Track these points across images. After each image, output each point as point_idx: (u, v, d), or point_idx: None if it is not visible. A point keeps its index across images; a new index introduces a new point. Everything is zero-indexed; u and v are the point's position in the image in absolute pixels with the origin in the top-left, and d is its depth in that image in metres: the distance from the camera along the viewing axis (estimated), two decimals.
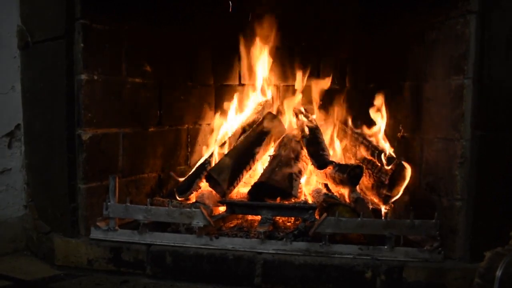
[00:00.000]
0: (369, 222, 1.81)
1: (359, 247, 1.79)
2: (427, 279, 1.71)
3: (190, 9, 2.48)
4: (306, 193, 2.33)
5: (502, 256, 1.38)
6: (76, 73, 1.94)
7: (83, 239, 1.94)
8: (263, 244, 1.83)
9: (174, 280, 1.84)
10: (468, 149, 1.73)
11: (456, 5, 1.75)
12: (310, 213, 1.96)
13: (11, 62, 2.19)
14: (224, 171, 2.23)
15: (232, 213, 2.09)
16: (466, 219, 1.74)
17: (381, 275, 1.73)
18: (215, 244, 1.85)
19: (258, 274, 1.79)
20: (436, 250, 1.76)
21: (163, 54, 2.34)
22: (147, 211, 1.90)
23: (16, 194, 2.23)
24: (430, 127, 1.95)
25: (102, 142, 2.03)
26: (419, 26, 2.00)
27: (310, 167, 2.38)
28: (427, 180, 1.96)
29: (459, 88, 1.75)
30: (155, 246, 1.88)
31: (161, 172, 2.40)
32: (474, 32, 1.70)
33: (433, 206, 1.88)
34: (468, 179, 1.73)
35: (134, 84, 2.18)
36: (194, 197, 2.30)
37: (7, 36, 2.17)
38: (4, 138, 2.18)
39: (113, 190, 1.94)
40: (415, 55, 2.07)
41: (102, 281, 1.84)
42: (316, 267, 1.76)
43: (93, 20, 1.95)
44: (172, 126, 2.48)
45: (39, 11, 2.08)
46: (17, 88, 2.21)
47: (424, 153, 1.99)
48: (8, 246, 2.17)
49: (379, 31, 2.40)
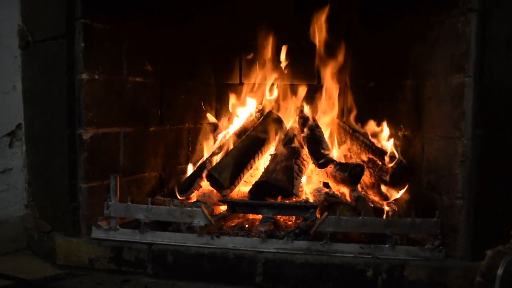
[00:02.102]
0: (370, 221, 1.81)
1: (360, 246, 1.79)
2: (428, 277, 1.71)
3: (190, 9, 2.49)
4: (307, 192, 2.33)
5: (503, 255, 1.37)
6: (76, 73, 1.94)
7: (84, 239, 1.94)
8: (264, 243, 1.83)
9: (175, 279, 1.84)
10: (469, 148, 1.73)
11: (457, 3, 1.75)
12: (311, 212, 1.96)
13: (12, 61, 2.19)
14: (225, 170, 2.23)
15: (233, 212, 2.09)
16: (467, 218, 1.74)
17: (382, 274, 1.73)
18: (216, 243, 1.86)
19: (259, 273, 1.79)
20: (437, 249, 1.77)
21: (164, 54, 2.34)
22: (148, 210, 1.90)
23: (17, 193, 2.23)
24: (431, 126, 1.95)
25: (103, 141, 2.03)
26: (420, 25, 2.00)
27: (311, 166, 2.38)
28: (428, 178, 1.96)
29: (460, 87, 1.75)
30: (156, 245, 1.88)
31: (162, 171, 2.40)
32: (475, 30, 1.70)
33: (434, 205, 1.88)
34: (469, 178, 1.73)
35: (135, 83, 2.18)
36: (195, 196, 2.30)
37: (8, 35, 2.17)
38: (5, 138, 2.19)
39: (114, 190, 1.94)
40: (415, 54, 2.07)
41: (103, 280, 1.84)
42: (317, 266, 1.76)
43: (93, 20, 1.95)
44: (173, 125, 2.48)
45: (39, 11, 2.08)
46: (18, 88, 2.21)
47: (425, 152, 1.99)
48: (9, 245, 2.18)
49: (380, 30, 2.40)
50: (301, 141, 2.40)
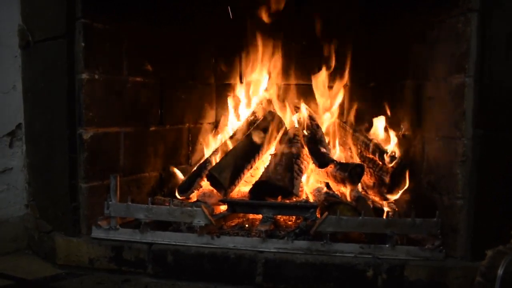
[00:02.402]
0: (370, 221, 1.81)
1: (360, 246, 1.79)
2: (429, 277, 1.71)
3: (190, 9, 2.48)
4: (307, 191, 2.33)
5: (503, 255, 1.38)
6: (77, 72, 1.94)
7: (84, 238, 1.94)
8: (264, 243, 1.83)
9: (176, 279, 1.84)
10: (469, 148, 1.73)
11: (457, 3, 1.75)
12: (311, 212, 1.96)
13: (12, 61, 2.19)
14: (225, 170, 2.23)
15: (233, 212, 2.09)
16: (467, 218, 1.74)
17: (382, 274, 1.73)
18: (216, 243, 1.86)
19: (260, 273, 1.79)
20: (437, 249, 1.77)
21: (164, 53, 2.34)
22: (148, 210, 1.90)
23: (17, 193, 2.23)
24: (431, 126, 1.95)
25: (103, 141, 2.03)
26: (420, 25, 2.00)
27: (311, 165, 2.38)
28: (428, 178, 1.96)
29: (460, 87, 1.75)
30: (156, 245, 1.88)
31: (162, 171, 2.40)
32: (475, 30, 1.70)
33: (434, 205, 1.88)
34: (469, 178, 1.73)
35: (135, 83, 2.18)
36: (195, 196, 2.30)
37: (8, 35, 2.17)
38: (5, 138, 2.19)
39: (114, 189, 1.94)
40: (416, 54, 2.07)
41: (104, 280, 1.84)
42: (317, 266, 1.76)
43: (93, 20, 1.95)
44: (173, 125, 2.48)
45: (40, 11, 2.08)
46: (18, 88, 2.21)
47: (425, 152, 1.99)
48: (10, 245, 2.18)
49: (380, 30, 2.40)
50: (301, 141, 2.40)
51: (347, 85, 2.79)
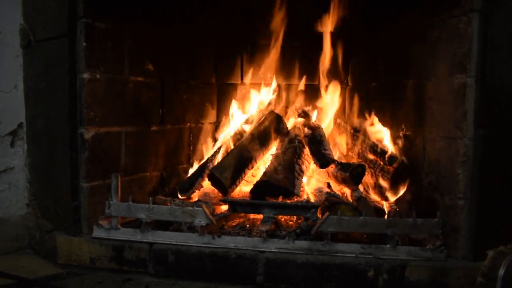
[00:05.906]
0: (372, 221, 1.81)
1: (361, 246, 1.79)
2: (430, 278, 1.71)
3: (192, 9, 2.49)
4: (308, 192, 2.33)
5: (505, 255, 1.38)
6: (78, 72, 1.94)
7: (85, 238, 1.94)
8: (265, 243, 1.83)
9: (177, 278, 1.84)
10: (470, 148, 1.73)
11: (459, 3, 1.75)
12: (312, 212, 1.96)
13: (14, 61, 2.19)
14: (226, 170, 2.23)
15: (234, 211, 2.09)
16: (468, 218, 1.74)
17: (383, 274, 1.73)
18: (217, 242, 1.86)
19: (260, 272, 1.79)
20: (438, 249, 1.76)
21: (165, 53, 2.35)
22: (149, 209, 1.90)
23: (18, 192, 2.24)
24: (433, 126, 1.94)
25: (105, 140, 2.03)
26: (422, 25, 2.00)
27: (312, 166, 2.38)
28: (430, 178, 1.96)
29: (462, 87, 1.74)
30: (157, 244, 1.88)
31: (163, 170, 2.40)
32: (477, 30, 1.70)
33: (435, 205, 1.87)
34: (471, 178, 1.73)
35: (137, 83, 2.18)
36: (196, 196, 2.30)
37: (9, 35, 2.17)
38: (6, 137, 2.19)
39: (116, 189, 1.94)
40: (417, 54, 2.07)
41: (105, 279, 1.85)
42: (318, 266, 1.76)
43: (95, 19, 1.95)
44: (175, 125, 2.48)
45: (41, 10, 2.08)
46: (19, 87, 2.21)
47: (426, 152, 1.99)
48: (11, 244, 2.18)
49: (381, 30, 2.40)
50: (302, 141, 2.40)
51: (348, 85, 2.80)
